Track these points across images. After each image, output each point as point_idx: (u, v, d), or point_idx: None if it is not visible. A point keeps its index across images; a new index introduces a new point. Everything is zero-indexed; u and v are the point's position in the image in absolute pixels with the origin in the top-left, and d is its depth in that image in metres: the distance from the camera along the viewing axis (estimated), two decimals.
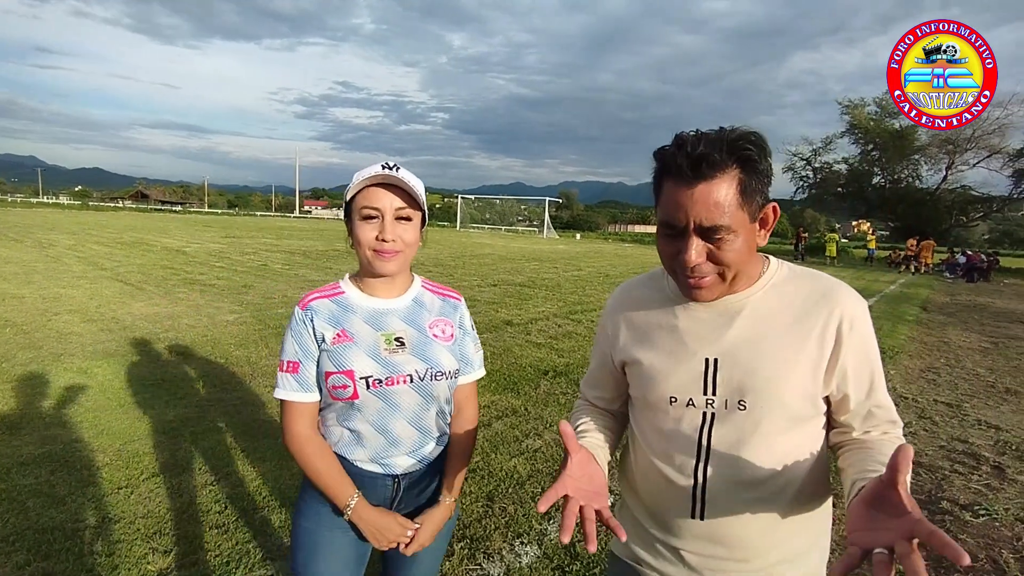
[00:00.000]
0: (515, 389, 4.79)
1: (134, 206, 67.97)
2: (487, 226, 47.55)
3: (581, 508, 0.89)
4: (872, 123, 30.57)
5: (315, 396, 1.27)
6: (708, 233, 0.92)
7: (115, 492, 2.86)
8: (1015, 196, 29.28)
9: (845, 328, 0.97)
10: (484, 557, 2.48)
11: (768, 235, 1.02)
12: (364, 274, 1.32)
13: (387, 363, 1.25)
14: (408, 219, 1.26)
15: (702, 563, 1.05)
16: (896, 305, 11.77)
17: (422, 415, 1.31)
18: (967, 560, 0.59)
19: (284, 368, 1.25)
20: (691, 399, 1.02)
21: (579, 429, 1.18)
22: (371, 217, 1.22)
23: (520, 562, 2.46)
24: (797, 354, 0.98)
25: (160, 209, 65.49)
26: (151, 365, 4.96)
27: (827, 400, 1.02)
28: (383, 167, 1.22)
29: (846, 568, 0.70)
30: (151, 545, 2.45)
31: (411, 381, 1.26)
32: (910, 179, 31.77)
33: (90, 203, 67.03)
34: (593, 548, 0.85)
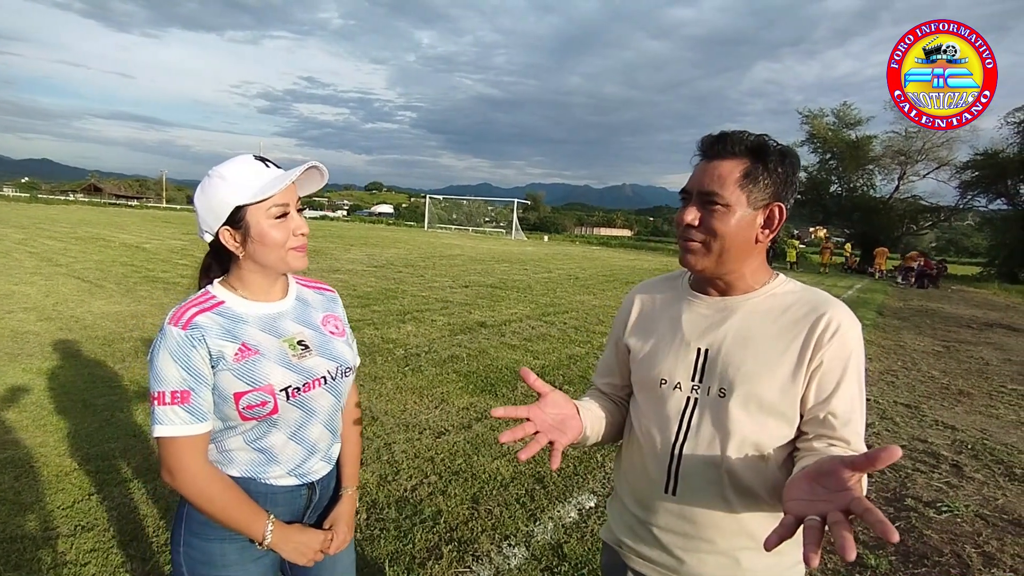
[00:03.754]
0: (492, 391, 4.79)
1: (87, 200, 65.33)
2: (454, 227, 47.37)
3: (536, 434, 1.01)
4: (830, 133, 31.65)
5: (210, 424, 1.13)
6: (704, 198, 1.05)
7: (86, 498, 2.75)
8: (961, 206, 30.76)
9: (827, 335, 1.03)
10: (473, 560, 2.49)
11: (771, 237, 1.09)
12: (255, 277, 1.20)
13: (300, 369, 1.18)
14: (302, 208, 1.22)
15: (673, 541, 1.11)
16: (854, 310, 12.13)
17: (334, 416, 1.28)
18: (896, 537, 0.62)
19: (167, 400, 1.07)
20: (679, 383, 1.12)
21: (579, 401, 1.21)
22: (284, 214, 1.15)
23: (509, 564, 2.47)
24: (780, 355, 1.05)
25: (115, 203, 63.04)
26: (116, 366, 4.78)
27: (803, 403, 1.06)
28: (259, 160, 1.16)
29: (780, 538, 0.73)
30: (128, 552, 2.37)
31: (325, 383, 1.22)
32: (865, 188, 33.02)
33: (39, 195, 64.21)
34: (523, 457, 0.95)
